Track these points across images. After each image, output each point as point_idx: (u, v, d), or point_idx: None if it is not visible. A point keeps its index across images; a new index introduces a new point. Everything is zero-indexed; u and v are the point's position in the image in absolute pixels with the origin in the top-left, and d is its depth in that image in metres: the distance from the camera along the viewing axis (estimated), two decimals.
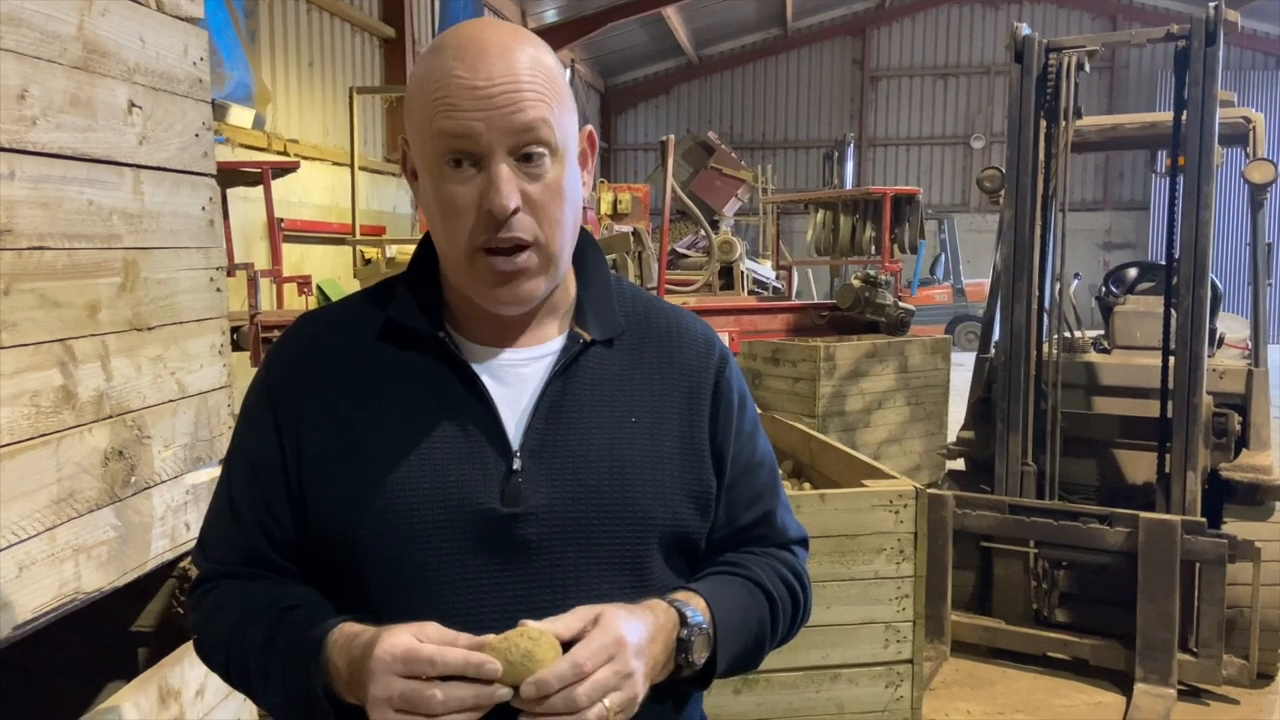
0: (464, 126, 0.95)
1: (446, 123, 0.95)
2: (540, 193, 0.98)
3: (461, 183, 0.97)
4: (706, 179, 11.81)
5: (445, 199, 0.98)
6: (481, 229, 0.97)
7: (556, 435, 1.04)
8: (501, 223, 0.96)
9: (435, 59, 0.98)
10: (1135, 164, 20.81)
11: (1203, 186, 3.77)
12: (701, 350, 1.14)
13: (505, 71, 0.96)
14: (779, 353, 6.10)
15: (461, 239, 0.98)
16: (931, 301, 15.88)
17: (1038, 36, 4.09)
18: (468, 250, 0.99)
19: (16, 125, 1.37)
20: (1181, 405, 3.81)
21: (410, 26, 13.36)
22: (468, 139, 0.95)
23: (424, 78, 0.98)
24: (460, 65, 0.96)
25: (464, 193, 0.97)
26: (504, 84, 0.95)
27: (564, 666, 0.88)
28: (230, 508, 1.08)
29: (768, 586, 1.12)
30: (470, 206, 0.97)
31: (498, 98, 0.95)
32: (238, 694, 1.85)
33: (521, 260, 0.99)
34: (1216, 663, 3.65)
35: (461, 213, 0.97)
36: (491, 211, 0.96)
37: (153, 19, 1.70)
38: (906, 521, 2.74)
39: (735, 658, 1.07)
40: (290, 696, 0.99)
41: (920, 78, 22.62)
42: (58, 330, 1.45)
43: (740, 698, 2.70)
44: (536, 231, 0.99)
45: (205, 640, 1.08)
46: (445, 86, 0.96)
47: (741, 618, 1.07)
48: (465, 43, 0.97)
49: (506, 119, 0.95)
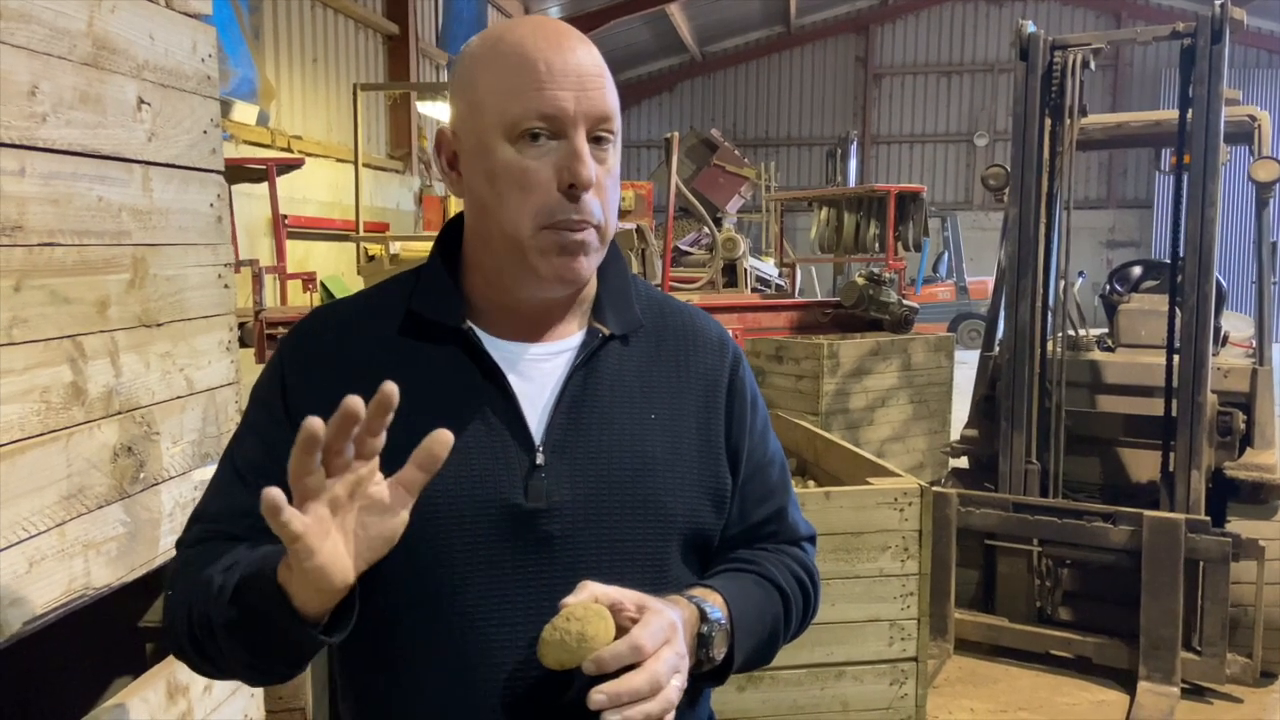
0: (555, 100, 0.97)
1: (537, 94, 0.97)
2: (604, 177, 1.01)
3: (537, 157, 0.98)
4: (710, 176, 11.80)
5: (519, 173, 0.99)
6: (558, 206, 0.99)
7: (578, 430, 1.04)
8: (578, 196, 0.98)
9: (511, 43, 1.00)
10: (1140, 162, 20.80)
11: (1208, 185, 3.77)
12: (716, 349, 1.16)
13: (588, 59, 1.00)
14: (782, 350, 6.10)
15: (531, 213, 0.99)
16: (935, 299, 15.86)
17: (1043, 34, 4.09)
18: (535, 226, 0.99)
19: (27, 122, 1.38)
20: (1186, 404, 3.81)
21: (414, 23, 13.37)
22: (558, 113, 0.98)
23: (502, 58, 1.00)
24: (547, 47, 0.99)
25: (539, 167, 0.98)
26: (590, 69, 1.00)
27: (623, 648, 0.89)
28: (237, 479, 1.04)
29: (781, 583, 1.13)
30: (546, 181, 0.98)
31: (586, 79, 0.99)
32: (245, 690, 1.87)
33: (588, 235, 1.01)
34: (1220, 661, 3.65)
35: (536, 186, 0.98)
36: (575, 184, 0.98)
37: (161, 16, 1.70)
38: (911, 519, 2.74)
39: (750, 653, 1.08)
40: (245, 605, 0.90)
41: (924, 75, 22.61)
42: (68, 326, 1.46)
43: (745, 695, 2.71)
44: (600, 214, 1.01)
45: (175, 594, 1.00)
46: (535, 64, 0.98)
47: (757, 614, 1.08)
48: (543, 28, 1.01)
49: (591, 100, 0.99)
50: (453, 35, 15.09)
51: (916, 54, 22.68)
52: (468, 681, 1.01)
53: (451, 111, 1.05)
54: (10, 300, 1.34)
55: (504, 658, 1.00)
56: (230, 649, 0.93)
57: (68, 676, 1.85)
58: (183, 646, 0.98)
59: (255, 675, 0.97)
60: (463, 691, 1.01)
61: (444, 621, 1.00)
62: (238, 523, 1.02)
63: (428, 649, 0.99)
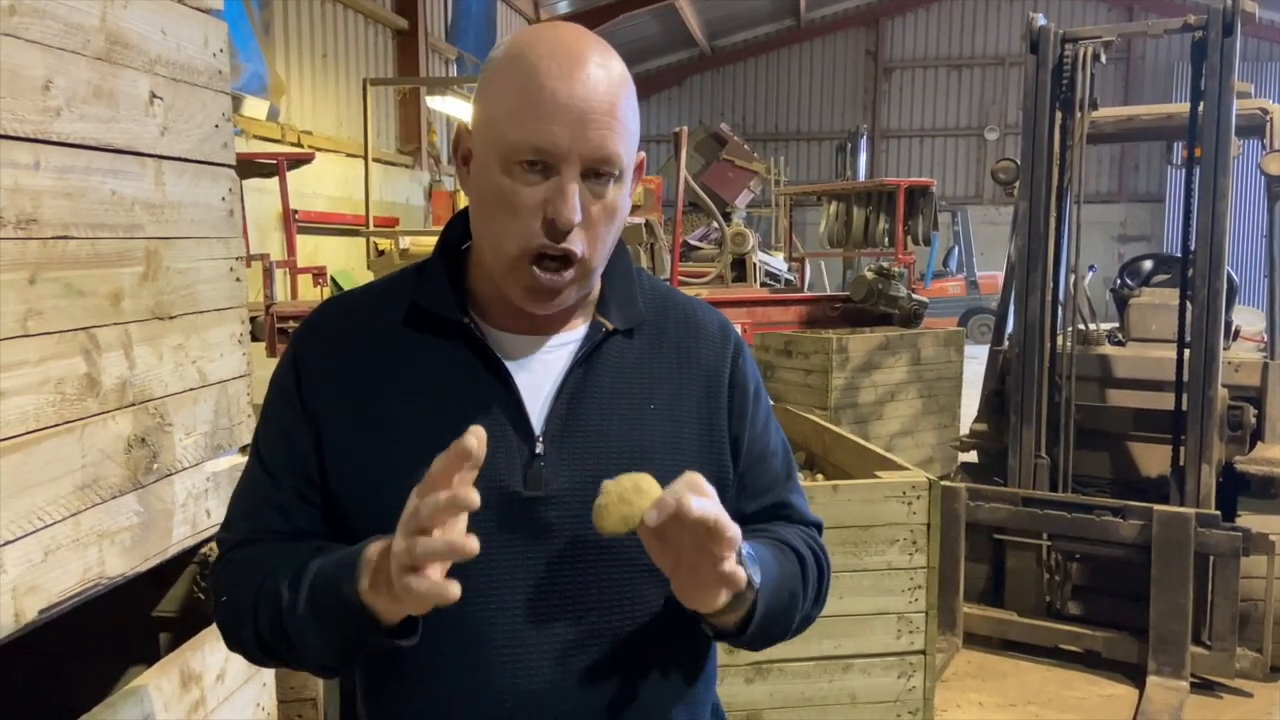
0: (549, 135, 0.96)
1: (533, 125, 0.96)
2: (598, 212, 1.00)
3: (529, 184, 0.98)
4: (719, 171, 11.79)
5: (509, 196, 0.99)
6: (539, 234, 0.99)
7: (578, 421, 1.06)
8: (561, 234, 0.98)
9: (527, 61, 0.98)
10: (1151, 156, 20.69)
11: (1219, 178, 3.76)
12: (718, 340, 1.16)
13: (596, 93, 0.97)
14: (791, 344, 6.10)
15: (515, 238, 1.00)
16: (945, 294, 15.83)
17: (1053, 27, 4.08)
18: (518, 251, 1.00)
19: (41, 116, 1.39)
20: (1196, 398, 3.80)
21: (423, 19, 13.38)
22: (549, 147, 0.97)
23: (512, 74, 0.99)
24: (557, 74, 0.97)
25: (529, 194, 0.98)
26: (595, 104, 0.97)
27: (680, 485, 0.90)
28: (264, 473, 1.08)
29: (797, 547, 1.13)
30: (533, 209, 0.98)
31: (587, 116, 0.97)
32: (258, 678, 1.88)
33: (566, 276, 1.01)
34: (1230, 656, 3.64)
35: (522, 213, 0.99)
36: (555, 221, 0.97)
37: (174, 11, 1.72)
38: (919, 513, 2.74)
39: (771, 610, 1.04)
40: (321, 616, 0.96)
41: (934, 69, 22.52)
42: (82, 319, 1.47)
43: (753, 687, 2.72)
44: (585, 248, 1.01)
45: (231, 600, 1.05)
46: (539, 91, 0.96)
47: (775, 568, 1.06)
48: (560, 52, 0.98)
49: (588, 139, 0.97)
50: (462, 30, 15.10)
51: (926, 47, 22.59)
52: (467, 664, 1.03)
53: (472, 112, 1.06)
54: (25, 293, 1.36)
55: (503, 641, 1.02)
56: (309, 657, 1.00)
57: (83, 665, 1.88)
58: (249, 651, 1.06)
59: (331, 673, 1.06)
60: (462, 674, 1.03)
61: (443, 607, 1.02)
62: (272, 518, 1.07)
63: (427, 633, 1.01)
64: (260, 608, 1.01)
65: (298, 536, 1.07)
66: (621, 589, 1.05)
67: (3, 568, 1.31)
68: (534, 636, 1.03)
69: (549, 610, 1.03)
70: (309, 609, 0.96)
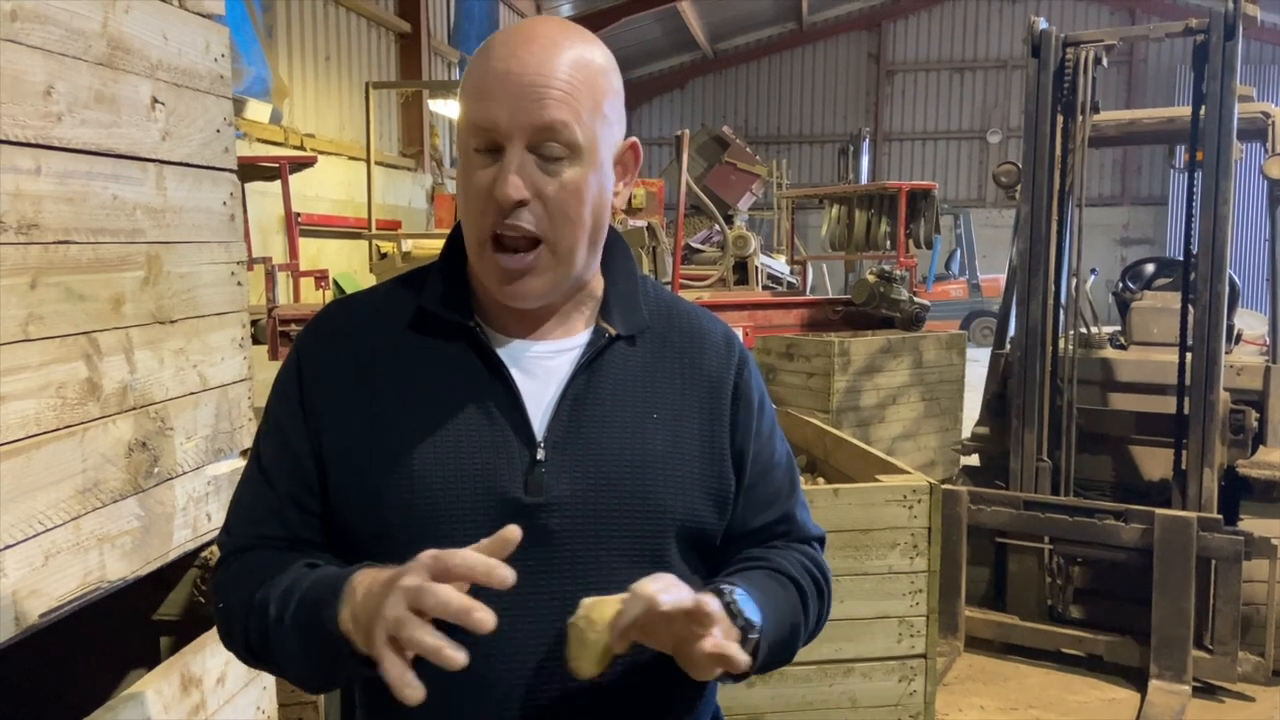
0: (489, 113, 0.98)
1: (476, 107, 0.99)
2: (556, 191, 1.00)
3: (482, 168, 1.00)
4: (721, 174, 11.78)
5: (467, 183, 1.01)
6: (490, 216, 1.00)
7: (580, 428, 1.06)
8: (507, 212, 0.99)
9: (485, 48, 1.01)
10: (1153, 159, 20.67)
11: (1221, 182, 3.76)
12: (722, 351, 1.16)
13: (539, 67, 0.98)
14: (793, 348, 6.10)
15: (474, 224, 1.02)
16: (947, 297, 15.82)
17: (1055, 31, 4.08)
18: (479, 238, 1.02)
19: (43, 121, 1.39)
20: (1198, 401, 3.80)
21: (425, 22, 13.40)
22: (491, 126, 0.98)
23: (471, 65, 1.02)
24: (500, 55, 0.99)
25: (481, 176, 1.00)
26: (534, 79, 0.97)
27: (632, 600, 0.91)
28: (263, 479, 1.09)
29: (795, 575, 1.12)
30: (486, 191, 1.00)
31: (525, 89, 0.97)
32: (259, 681, 1.88)
33: (528, 259, 1.01)
34: (1232, 660, 3.64)
35: (477, 197, 1.00)
36: (495, 197, 0.98)
37: (175, 15, 1.72)
38: (920, 516, 2.74)
39: (773, 646, 1.05)
40: (305, 639, 0.97)
41: (936, 72, 22.52)
42: (83, 323, 1.48)
43: (754, 691, 2.72)
44: (546, 228, 1.00)
45: (226, 608, 1.07)
46: (483, 74, 0.99)
47: (775, 606, 1.07)
48: (514, 35, 1.01)
49: (528, 113, 0.97)
50: (464, 33, 15.12)
51: (929, 50, 22.59)
52: (466, 671, 1.02)
53: None
54: (27, 297, 1.36)
55: (502, 647, 1.01)
56: (293, 672, 1.02)
57: (83, 668, 1.88)
58: (243, 657, 1.08)
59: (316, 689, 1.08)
60: (463, 681, 1.03)
61: None
62: (269, 525, 1.08)
63: None
64: (250, 618, 1.02)
65: (296, 543, 1.07)
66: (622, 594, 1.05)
67: (4, 571, 1.31)
68: (533, 642, 1.02)
69: (549, 616, 1.02)
70: (293, 627, 0.97)
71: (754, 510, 1.15)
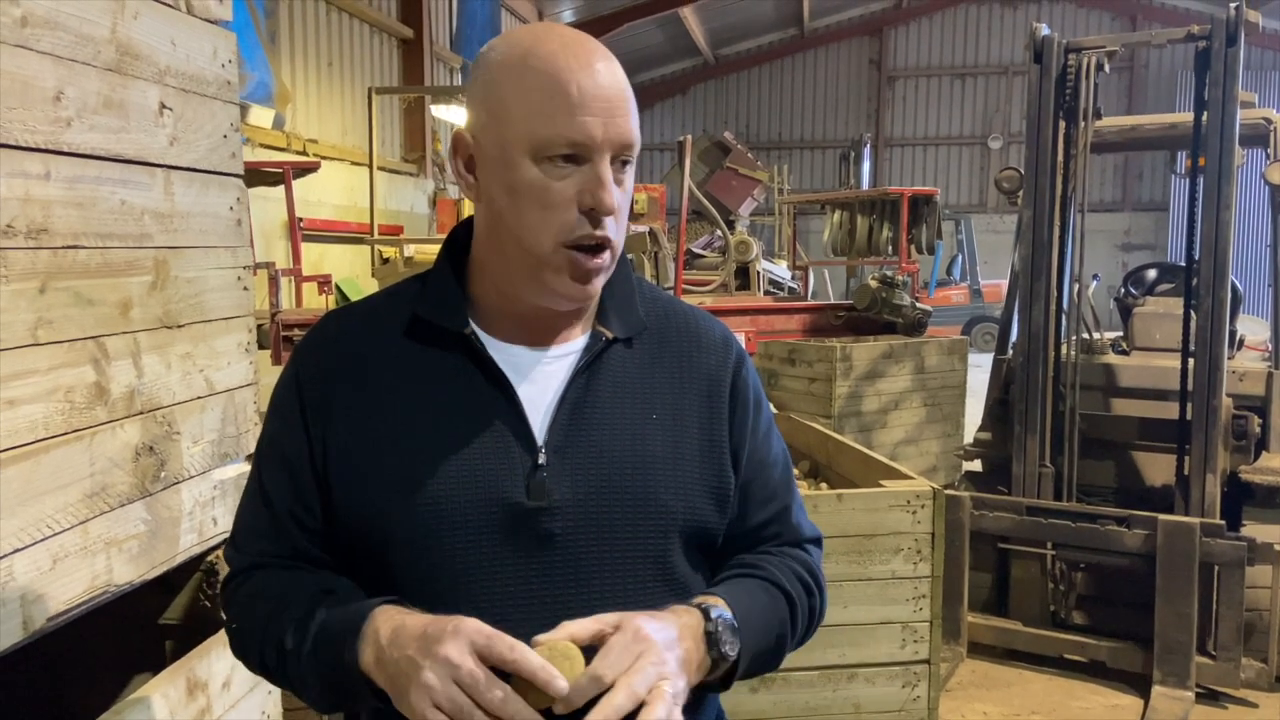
0: (585, 127, 0.99)
1: (567, 120, 0.99)
2: (621, 199, 1.03)
3: (561, 178, 1.00)
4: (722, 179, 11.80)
5: (542, 191, 1.01)
6: (577, 225, 1.01)
7: (580, 431, 1.06)
8: (599, 220, 1.01)
9: (541, 58, 1.00)
10: (1155, 165, 20.67)
11: (1223, 187, 3.76)
12: (719, 350, 1.17)
13: (616, 83, 1.01)
14: (795, 353, 6.10)
15: (552, 231, 1.01)
16: (949, 302, 15.82)
17: (1057, 37, 4.09)
18: (553, 245, 1.01)
19: (52, 126, 1.40)
20: (1201, 407, 3.80)
21: (428, 27, 13.42)
22: (587, 140, 0.99)
23: (530, 74, 1.00)
24: (578, 69, 0.99)
25: (562, 188, 1.00)
26: (617, 93, 1.01)
27: (583, 681, 0.91)
28: (263, 499, 1.10)
29: (785, 586, 1.13)
30: (569, 201, 1.00)
31: (614, 105, 1.00)
32: (263, 686, 1.89)
33: (603, 260, 1.04)
34: (1235, 665, 3.64)
35: (558, 206, 1.01)
36: (596, 209, 1.00)
37: (183, 22, 1.73)
38: (924, 522, 2.74)
39: (756, 657, 1.08)
40: (322, 674, 1.00)
41: (937, 78, 22.54)
42: (91, 328, 1.48)
43: (758, 696, 2.72)
44: (614, 232, 1.03)
45: (241, 630, 1.09)
46: (566, 87, 0.99)
47: (761, 618, 1.09)
48: (572, 46, 1.01)
49: (618, 127, 1.00)
50: (466, 39, 15.14)
51: (930, 56, 22.62)
52: None
53: (470, 116, 1.06)
54: (36, 302, 1.37)
55: None
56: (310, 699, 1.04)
57: (89, 672, 1.88)
58: (258, 673, 1.10)
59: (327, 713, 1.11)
60: None
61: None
62: (273, 544, 1.10)
63: None
64: (266, 647, 1.04)
65: (301, 558, 1.09)
66: (624, 598, 1.05)
67: (12, 575, 1.32)
68: None
69: (551, 620, 1.02)
70: (311, 661, 1.00)
71: (751, 508, 1.16)
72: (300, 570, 1.09)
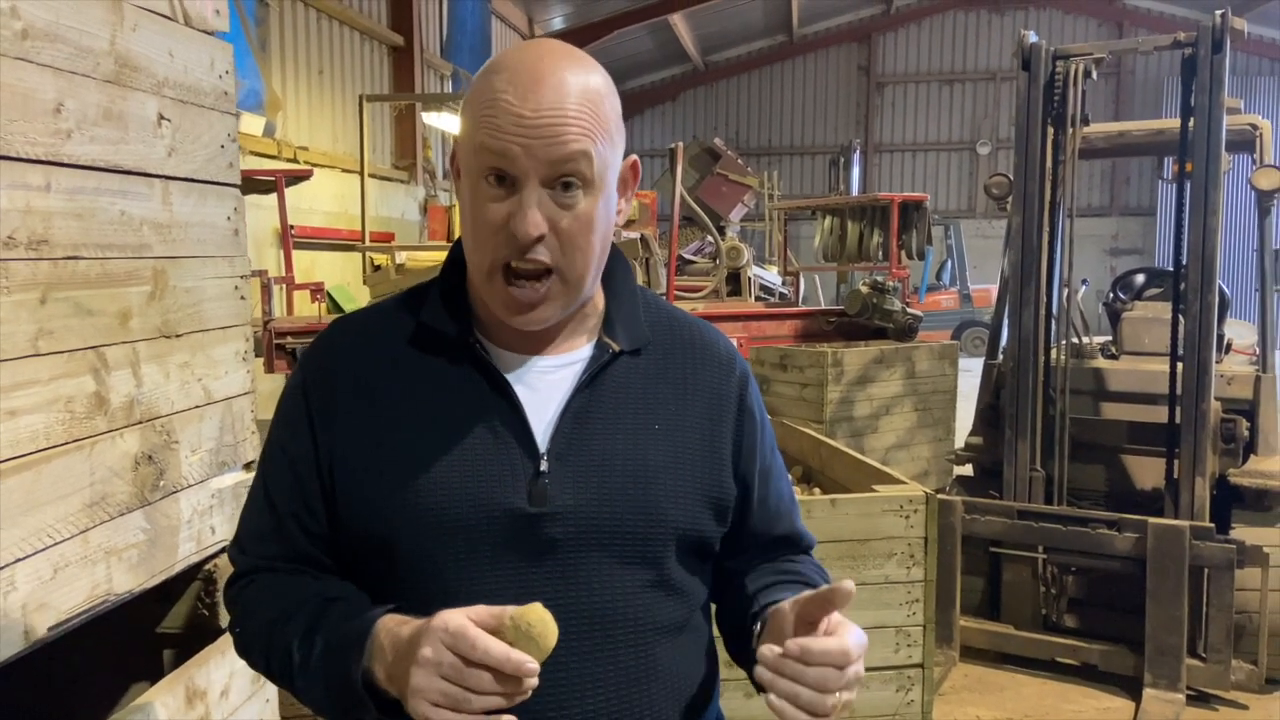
0: (503, 148, 0.98)
1: (489, 140, 0.99)
2: (569, 223, 1.01)
3: (495, 200, 1.00)
4: (713, 185, 11.83)
5: (478, 212, 1.02)
6: (505, 248, 1.01)
7: (582, 440, 1.07)
8: (525, 247, 1.00)
9: (491, 77, 1.01)
10: (1142, 170, 20.81)
11: (1210, 193, 3.79)
12: (724, 365, 1.18)
13: (553, 103, 0.98)
14: (787, 358, 6.13)
15: (485, 252, 1.02)
16: (939, 307, 15.89)
17: (1045, 44, 4.12)
18: (490, 265, 1.02)
19: (52, 138, 1.41)
20: (1190, 411, 3.83)
21: (418, 35, 13.43)
22: (505, 160, 0.98)
23: (478, 92, 1.01)
24: (511, 89, 0.98)
25: (495, 210, 1.00)
26: (549, 115, 0.98)
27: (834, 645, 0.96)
28: (267, 502, 1.11)
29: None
30: (500, 224, 1.00)
31: (542, 128, 0.98)
32: (261, 694, 1.89)
33: (541, 289, 1.02)
34: (1225, 668, 3.66)
35: (490, 228, 1.01)
36: (515, 235, 0.99)
37: (181, 33, 1.74)
38: (917, 526, 2.76)
39: None
40: (330, 687, 1.01)
41: (926, 84, 22.65)
42: (91, 338, 1.49)
43: (752, 702, 2.71)
44: (559, 259, 1.02)
45: (245, 633, 1.10)
46: (493, 106, 0.99)
47: None
48: (520, 66, 1.00)
49: (546, 149, 0.98)
50: (457, 46, 15.16)
51: (919, 63, 22.73)
52: None
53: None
54: (36, 312, 1.37)
55: None
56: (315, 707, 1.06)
57: (88, 681, 1.88)
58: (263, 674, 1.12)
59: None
60: None
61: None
62: (277, 547, 1.11)
63: None
64: (272, 656, 1.06)
65: (304, 562, 1.10)
66: (625, 604, 1.06)
67: (13, 585, 1.32)
68: None
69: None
70: (318, 673, 1.01)
71: (767, 523, 1.20)
72: (304, 575, 1.10)
